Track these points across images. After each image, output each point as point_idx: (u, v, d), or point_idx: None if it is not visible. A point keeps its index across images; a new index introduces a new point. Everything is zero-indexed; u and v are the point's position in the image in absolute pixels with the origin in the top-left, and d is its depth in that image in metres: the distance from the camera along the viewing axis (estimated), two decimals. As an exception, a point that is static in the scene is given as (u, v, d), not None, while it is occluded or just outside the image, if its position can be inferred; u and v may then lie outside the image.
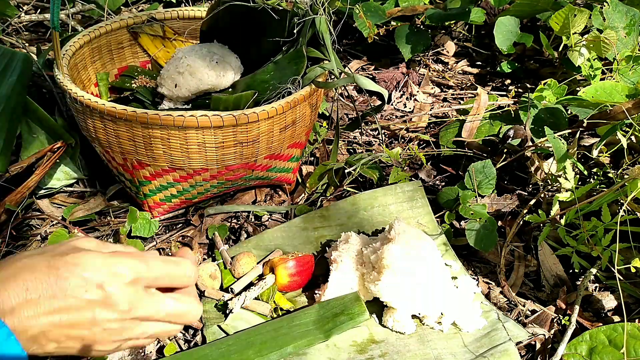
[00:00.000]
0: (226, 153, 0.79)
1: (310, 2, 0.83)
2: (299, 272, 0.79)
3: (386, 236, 0.78)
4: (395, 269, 0.72)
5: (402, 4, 1.38)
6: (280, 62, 0.87)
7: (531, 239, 0.90)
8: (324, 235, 0.88)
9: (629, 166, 0.94)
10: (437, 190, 0.98)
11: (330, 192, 0.97)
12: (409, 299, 0.73)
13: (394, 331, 0.75)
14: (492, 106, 1.12)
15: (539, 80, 1.20)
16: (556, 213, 0.84)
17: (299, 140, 0.90)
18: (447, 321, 0.74)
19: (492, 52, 1.41)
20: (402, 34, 1.32)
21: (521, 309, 0.79)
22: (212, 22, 0.98)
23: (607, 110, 0.93)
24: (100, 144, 0.82)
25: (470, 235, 0.85)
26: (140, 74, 1.03)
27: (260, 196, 0.99)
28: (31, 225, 0.91)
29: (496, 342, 0.70)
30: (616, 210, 0.79)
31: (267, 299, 0.77)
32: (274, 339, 0.69)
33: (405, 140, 1.14)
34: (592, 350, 0.70)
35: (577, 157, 0.94)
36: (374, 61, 1.43)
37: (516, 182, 1.00)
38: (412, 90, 1.30)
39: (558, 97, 1.04)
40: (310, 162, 1.07)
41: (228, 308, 0.75)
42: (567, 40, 1.12)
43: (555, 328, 0.76)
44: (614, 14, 1.11)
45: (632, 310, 0.77)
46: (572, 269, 0.84)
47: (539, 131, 0.99)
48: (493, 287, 0.83)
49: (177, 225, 0.93)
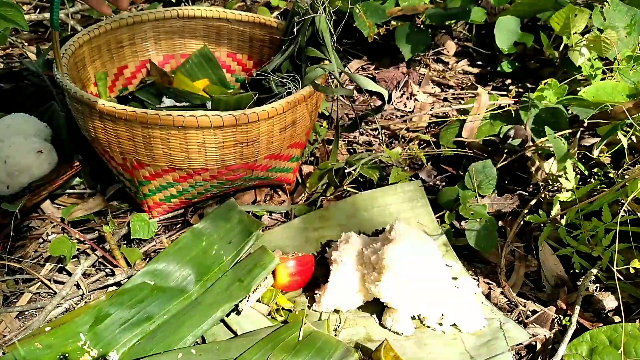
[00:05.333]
0: (226, 153, 0.79)
1: (311, 1, 0.83)
2: (299, 272, 0.79)
3: (387, 237, 0.78)
4: (396, 269, 0.72)
5: (403, 4, 1.38)
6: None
7: (532, 239, 0.90)
8: (324, 236, 0.88)
9: (629, 166, 0.94)
10: (437, 190, 0.98)
11: (330, 192, 0.97)
12: (410, 299, 0.73)
13: (392, 332, 0.74)
14: (493, 106, 1.12)
15: (540, 80, 1.20)
16: (557, 213, 0.84)
17: (299, 140, 0.90)
18: (448, 322, 0.74)
19: (492, 52, 1.40)
20: (402, 34, 1.32)
21: (522, 309, 0.79)
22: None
23: (608, 110, 0.93)
24: (100, 143, 0.82)
25: (470, 236, 0.85)
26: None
27: (260, 196, 0.98)
28: (31, 226, 0.91)
29: (494, 352, 0.70)
30: (617, 210, 0.79)
31: (267, 301, 0.77)
32: (201, 311, 0.73)
33: (405, 140, 1.14)
34: (592, 351, 0.70)
35: (577, 157, 0.94)
36: (374, 61, 1.43)
37: (517, 182, 1.00)
38: (413, 90, 1.30)
39: (559, 97, 1.03)
40: (310, 162, 1.07)
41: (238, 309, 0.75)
42: (567, 40, 1.11)
43: (556, 328, 0.76)
44: (614, 14, 1.11)
45: (632, 310, 0.77)
46: (572, 269, 0.84)
47: (539, 131, 0.98)
48: (493, 287, 0.83)
49: (177, 226, 0.93)
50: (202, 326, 0.72)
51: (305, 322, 0.72)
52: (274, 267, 0.77)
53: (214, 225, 0.84)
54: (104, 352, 0.70)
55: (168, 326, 0.73)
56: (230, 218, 0.85)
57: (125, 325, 0.73)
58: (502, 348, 0.70)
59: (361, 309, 0.78)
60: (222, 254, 0.81)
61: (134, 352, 0.70)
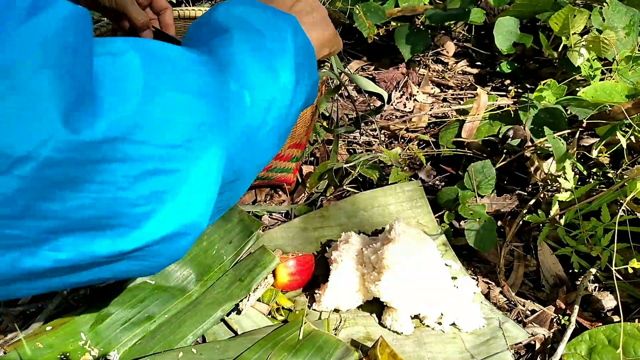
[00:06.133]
0: (226, 153, 0.79)
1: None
2: (299, 272, 0.79)
3: (386, 236, 0.78)
4: (396, 269, 0.72)
5: (402, 4, 1.38)
6: None
7: (531, 239, 0.90)
8: (324, 235, 0.88)
9: (628, 166, 0.94)
10: (436, 190, 0.98)
11: (330, 192, 0.98)
12: (409, 299, 0.73)
13: (392, 331, 0.75)
14: (492, 106, 1.13)
15: (539, 80, 1.20)
16: (556, 213, 0.84)
17: (299, 141, 0.90)
18: (447, 321, 0.75)
19: (491, 53, 1.41)
20: (402, 34, 1.32)
21: (521, 308, 0.79)
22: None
23: (607, 110, 0.93)
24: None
25: (469, 235, 0.85)
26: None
27: (260, 196, 0.99)
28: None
29: (493, 350, 0.70)
30: (615, 210, 0.79)
31: (268, 301, 0.77)
32: (202, 311, 0.74)
33: (405, 140, 1.15)
34: (591, 350, 0.70)
35: (576, 157, 0.94)
36: (373, 61, 1.43)
37: (516, 182, 1.01)
38: (412, 90, 1.30)
39: (558, 97, 1.04)
40: (310, 162, 1.07)
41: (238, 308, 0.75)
42: (566, 41, 1.12)
43: (555, 328, 0.76)
44: (613, 14, 1.11)
45: (631, 310, 0.78)
46: (571, 269, 0.84)
47: (538, 131, 0.99)
48: (493, 287, 0.83)
49: (177, 225, 0.93)
50: (202, 325, 0.72)
51: (305, 322, 0.72)
52: (274, 267, 0.77)
53: (214, 225, 0.85)
54: (104, 352, 0.70)
55: (169, 325, 0.73)
56: (230, 218, 0.85)
57: (126, 325, 0.73)
58: (501, 347, 0.71)
59: (361, 309, 0.78)
60: (222, 254, 0.82)
61: (134, 352, 0.70)
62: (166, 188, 0.38)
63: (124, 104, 0.35)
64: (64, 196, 0.34)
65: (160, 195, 0.38)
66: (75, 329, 0.72)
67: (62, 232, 0.35)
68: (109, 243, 0.37)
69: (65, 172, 0.33)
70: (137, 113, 0.36)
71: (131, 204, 0.37)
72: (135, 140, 0.36)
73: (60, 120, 0.31)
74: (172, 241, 0.40)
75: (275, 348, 0.68)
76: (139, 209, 0.37)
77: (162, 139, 0.37)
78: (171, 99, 0.38)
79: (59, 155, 0.32)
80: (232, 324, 0.74)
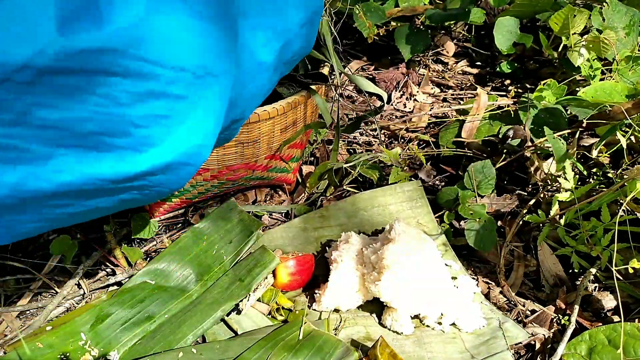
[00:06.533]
0: (227, 153, 0.79)
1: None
2: (299, 272, 0.79)
3: (386, 236, 0.78)
4: (396, 269, 0.72)
5: (402, 4, 1.38)
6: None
7: (531, 239, 0.90)
8: (324, 235, 0.88)
9: (628, 166, 0.94)
10: (436, 190, 0.98)
11: (330, 192, 0.98)
12: (409, 299, 0.73)
13: (392, 331, 0.75)
14: (492, 106, 1.13)
15: (539, 80, 1.20)
16: (556, 213, 0.84)
17: (299, 141, 0.90)
18: (447, 321, 0.75)
19: (491, 53, 1.41)
20: (402, 34, 1.32)
21: (521, 308, 0.79)
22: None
23: (607, 110, 0.93)
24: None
25: (469, 235, 0.85)
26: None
27: (260, 196, 0.99)
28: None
29: (493, 350, 0.70)
30: (615, 210, 0.79)
31: (268, 301, 0.77)
32: (202, 311, 0.74)
33: (405, 140, 1.15)
34: (591, 350, 0.70)
35: (576, 157, 0.94)
36: (373, 61, 1.43)
37: (516, 182, 1.01)
38: (412, 90, 1.30)
39: (558, 97, 1.04)
40: (310, 162, 1.07)
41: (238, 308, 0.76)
42: (566, 41, 1.12)
43: (555, 328, 0.76)
44: (613, 14, 1.11)
45: (631, 310, 0.78)
46: (571, 269, 0.84)
47: (538, 131, 0.99)
48: (493, 287, 0.83)
49: (177, 225, 0.93)
50: (202, 325, 0.72)
51: (305, 322, 0.72)
52: (274, 267, 0.77)
53: (214, 225, 0.85)
54: (104, 352, 0.70)
55: (169, 325, 0.73)
56: (230, 218, 0.85)
57: (126, 325, 0.73)
58: (501, 347, 0.71)
59: (361, 309, 0.78)
60: (222, 254, 0.82)
61: (134, 352, 0.70)
62: (170, 114, 0.37)
63: (125, 12, 0.34)
64: (62, 105, 0.33)
65: (164, 121, 0.37)
66: (75, 329, 0.72)
67: (63, 146, 0.35)
68: (112, 165, 0.37)
69: (63, 80, 0.33)
70: (139, 24, 0.34)
71: (132, 122, 0.36)
72: (137, 55, 0.35)
73: (55, 27, 0.31)
74: (174, 170, 0.40)
75: (275, 348, 0.68)
76: (141, 131, 0.36)
77: (167, 59, 0.36)
78: (179, 16, 0.36)
79: (55, 63, 0.31)
80: (232, 324, 0.74)
